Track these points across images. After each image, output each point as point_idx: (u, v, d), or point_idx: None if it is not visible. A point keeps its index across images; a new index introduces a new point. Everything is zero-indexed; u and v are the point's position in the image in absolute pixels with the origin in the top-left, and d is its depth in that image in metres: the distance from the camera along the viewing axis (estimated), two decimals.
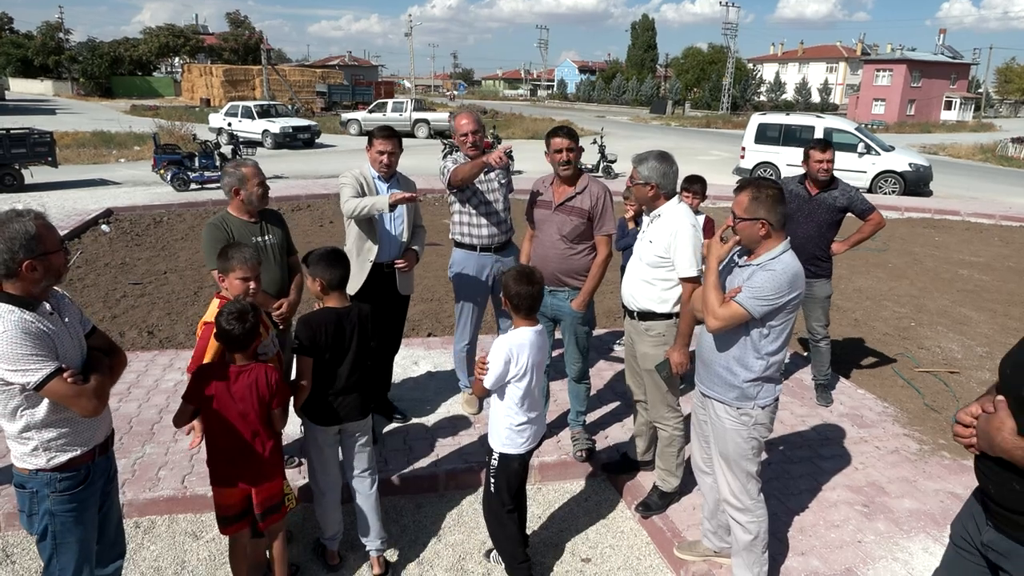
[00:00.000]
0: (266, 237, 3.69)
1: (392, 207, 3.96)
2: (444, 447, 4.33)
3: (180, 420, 2.84)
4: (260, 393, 2.79)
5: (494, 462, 3.10)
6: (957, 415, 2.02)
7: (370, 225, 4.17)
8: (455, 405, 4.89)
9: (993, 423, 1.88)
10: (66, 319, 2.36)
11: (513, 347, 2.93)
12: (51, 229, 2.28)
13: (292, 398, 3.03)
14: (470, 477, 4.10)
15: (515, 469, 3.11)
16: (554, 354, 4.58)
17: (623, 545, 3.66)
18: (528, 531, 3.74)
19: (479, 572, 3.44)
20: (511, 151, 4.18)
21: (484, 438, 4.42)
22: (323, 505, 3.29)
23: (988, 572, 2.10)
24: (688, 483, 3.75)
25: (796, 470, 4.16)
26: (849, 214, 4.91)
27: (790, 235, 4.81)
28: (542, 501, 4.01)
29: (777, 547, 3.38)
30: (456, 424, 4.63)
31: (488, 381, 2.96)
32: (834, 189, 4.83)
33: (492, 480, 3.11)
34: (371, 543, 3.31)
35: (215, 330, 2.79)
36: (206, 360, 2.92)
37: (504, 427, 3.03)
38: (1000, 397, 1.91)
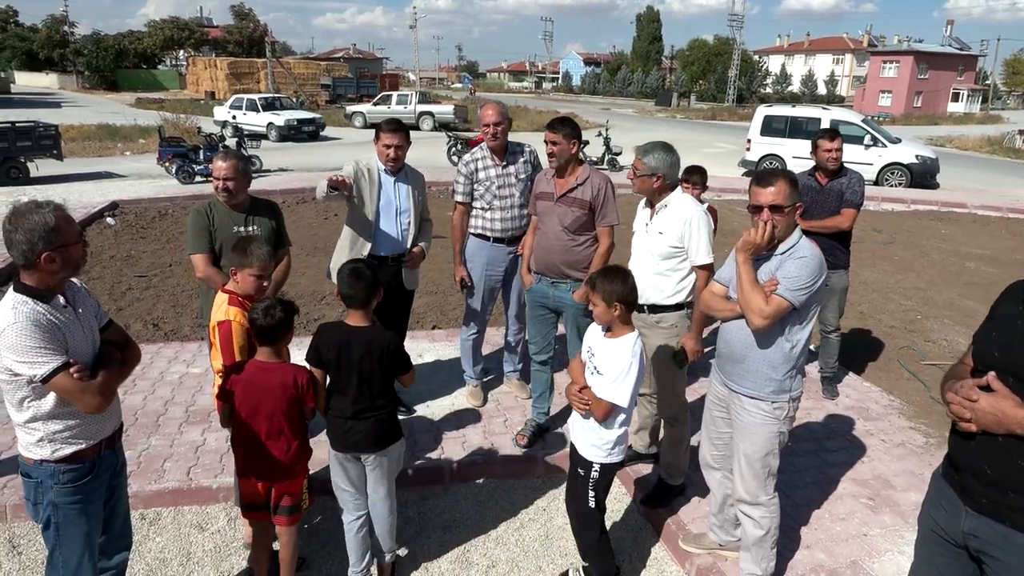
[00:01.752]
0: (250, 228, 3.65)
1: (333, 188, 3.84)
2: (449, 440, 4.33)
3: (224, 421, 2.91)
4: (289, 393, 2.80)
5: (595, 475, 2.94)
6: (955, 394, 1.94)
7: (364, 222, 4.15)
8: (460, 398, 4.88)
9: (1005, 402, 1.86)
10: (80, 311, 2.36)
11: (642, 360, 2.85)
12: (70, 221, 2.29)
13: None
14: (475, 470, 4.10)
15: (613, 476, 3.05)
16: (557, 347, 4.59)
17: (628, 538, 3.66)
18: (531, 524, 3.74)
19: (484, 564, 3.44)
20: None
21: (488, 430, 4.43)
22: (345, 529, 3.10)
23: (969, 562, 2.04)
24: (692, 476, 3.74)
25: (802, 463, 4.15)
26: (866, 206, 4.90)
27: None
28: (547, 493, 4.01)
29: (783, 540, 3.36)
30: (461, 417, 4.62)
31: (626, 400, 2.81)
32: (843, 177, 4.86)
33: (592, 494, 2.96)
34: (379, 555, 3.21)
35: (249, 323, 2.81)
36: (237, 355, 2.92)
37: (613, 438, 2.90)
38: (991, 375, 1.89)
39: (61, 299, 2.29)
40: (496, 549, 3.54)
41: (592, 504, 2.98)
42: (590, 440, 2.94)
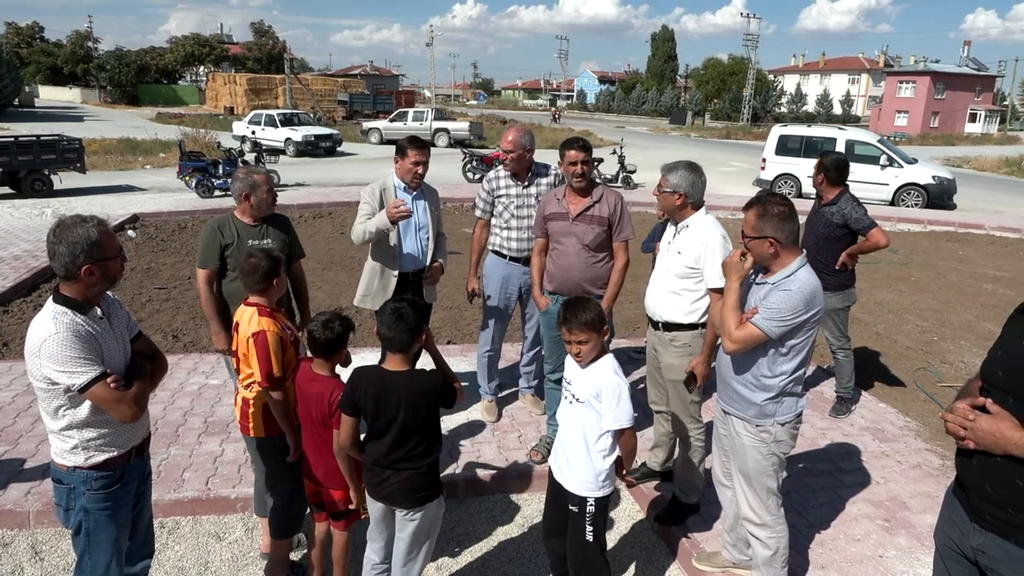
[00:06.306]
0: (264, 241, 3.77)
1: (393, 223, 4.03)
2: (463, 454, 4.36)
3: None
4: (324, 407, 2.84)
5: (591, 509, 2.79)
6: (951, 415, 2.00)
7: (387, 242, 4.23)
8: (474, 412, 4.92)
9: (1003, 423, 1.89)
10: (114, 323, 2.44)
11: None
12: (111, 236, 2.37)
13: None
14: (489, 484, 4.13)
15: (608, 508, 2.92)
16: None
17: (642, 555, 3.66)
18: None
19: None
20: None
21: (503, 445, 4.46)
22: (364, 564, 2.99)
23: None
24: (707, 494, 3.75)
25: (816, 483, 4.15)
26: (881, 226, 4.89)
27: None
28: None
29: (796, 560, 3.37)
30: (475, 431, 4.66)
31: (630, 418, 2.68)
32: (833, 204, 4.81)
33: (590, 528, 2.80)
34: None
35: (308, 338, 2.86)
36: (275, 364, 2.91)
37: (606, 468, 2.77)
38: (988, 400, 1.94)
39: (98, 311, 2.37)
40: (511, 565, 3.56)
41: (590, 538, 2.83)
42: (582, 475, 2.78)
